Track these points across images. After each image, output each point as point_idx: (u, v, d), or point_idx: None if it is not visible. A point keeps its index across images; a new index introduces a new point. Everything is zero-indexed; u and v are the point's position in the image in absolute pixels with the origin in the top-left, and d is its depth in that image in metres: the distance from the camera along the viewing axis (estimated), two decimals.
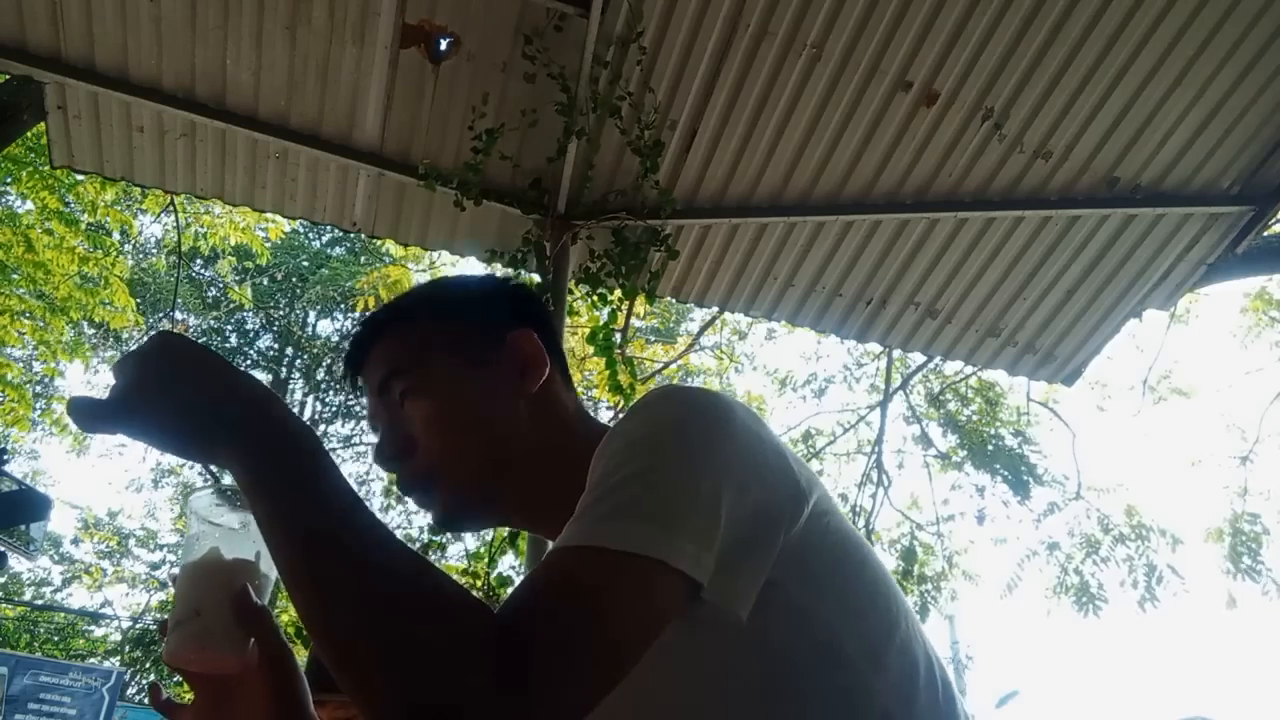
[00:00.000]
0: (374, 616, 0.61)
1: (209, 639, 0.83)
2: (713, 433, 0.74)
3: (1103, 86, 2.95)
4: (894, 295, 3.60)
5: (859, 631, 0.77)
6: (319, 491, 0.67)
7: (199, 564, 0.86)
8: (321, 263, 16.99)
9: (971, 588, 11.14)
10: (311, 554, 0.64)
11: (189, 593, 0.84)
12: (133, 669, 16.32)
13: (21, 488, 3.64)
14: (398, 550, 0.65)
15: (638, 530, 0.66)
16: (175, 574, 0.88)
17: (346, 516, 0.66)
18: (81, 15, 2.91)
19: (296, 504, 0.66)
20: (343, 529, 0.65)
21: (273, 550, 0.67)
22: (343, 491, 0.67)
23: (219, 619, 0.82)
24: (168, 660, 0.84)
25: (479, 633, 0.61)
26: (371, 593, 0.62)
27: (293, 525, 0.66)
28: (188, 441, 0.71)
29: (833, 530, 0.80)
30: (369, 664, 0.61)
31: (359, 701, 0.62)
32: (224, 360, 0.73)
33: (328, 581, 0.63)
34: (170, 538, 17.57)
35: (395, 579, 0.63)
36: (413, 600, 0.62)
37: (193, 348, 0.72)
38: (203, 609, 0.83)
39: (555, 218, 3.25)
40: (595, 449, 0.77)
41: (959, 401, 9.05)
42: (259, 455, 0.68)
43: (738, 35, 2.93)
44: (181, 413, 0.70)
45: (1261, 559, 8.52)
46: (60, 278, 7.41)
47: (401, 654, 0.59)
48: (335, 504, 0.67)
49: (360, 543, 0.65)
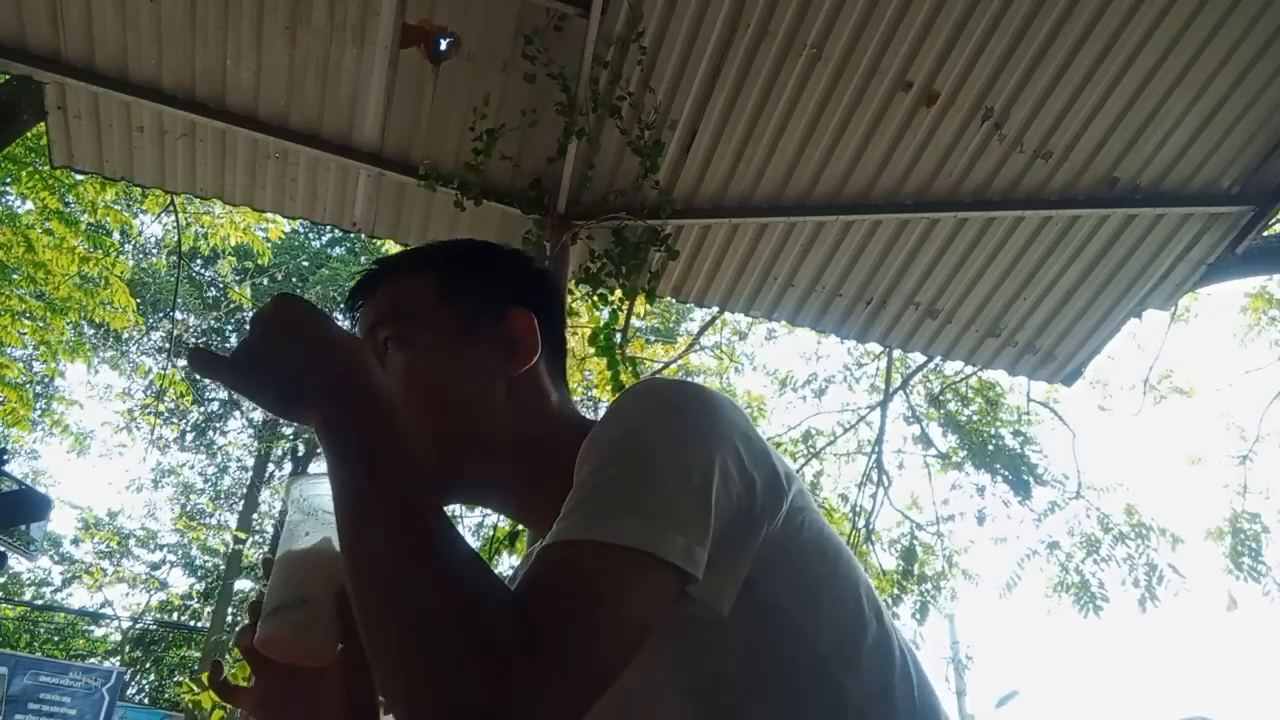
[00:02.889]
0: (402, 604, 0.62)
1: (312, 628, 0.81)
2: (699, 426, 0.74)
3: (1103, 86, 2.95)
4: (894, 295, 3.60)
5: (831, 629, 0.77)
6: (377, 465, 0.68)
7: (309, 552, 0.84)
8: (321, 263, 16.98)
9: (971, 588, 11.16)
10: (358, 525, 0.67)
11: (295, 579, 0.83)
12: (133, 669, 16.34)
13: (21, 488, 3.64)
14: (435, 533, 0.66)
15: (630, 525, 0.66)
16: (270, 559, 0.86)
17: (395, 493, 0.67)
18: (81, 15, 2.91)
19: (355, 474, 0.68)
20: (390, 503, 0.66)
21: (337, 511, 0.69)
22: (399, 467, 0.69)
23: (324, 610, 0.81)
24: (260, 644, 0.82)
25: (494, 634, 0.61)
26: (405, 580, 0.63)
27: (347, 493, 0.68)
28: (284, 398, 0.73)
29: (808, 527, 0.80)
30: (396, 653, 0.62)
31: (384, 680, 0.63)
32: (332, 324, 0.75)
33: (368, 555, 0.65)
34: (170, 538, 17.59)
35: (428, 566, 0.64)
36: (443, 593, 0.63)
37: (305, 311, 0.74)
38: (310, 598, 0.81)
39: (555, 218, 3.25)
40: (578, 445, 0.76)
41: (959, 401, 9.04)
42: (343, 422, 0.70)
43: (738, 35, 2.93)
44: (282, 370, 0.72)
45: (1262, 559, 8.52)
46: (60, 278, 7.41)
47: (425, 650, 0.60)
48: (387, 479, 0.68)
49: (403, 522, 0.66)
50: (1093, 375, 8.60)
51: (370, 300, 0.96)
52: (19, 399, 7.63)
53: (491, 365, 0.92)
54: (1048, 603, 9.07)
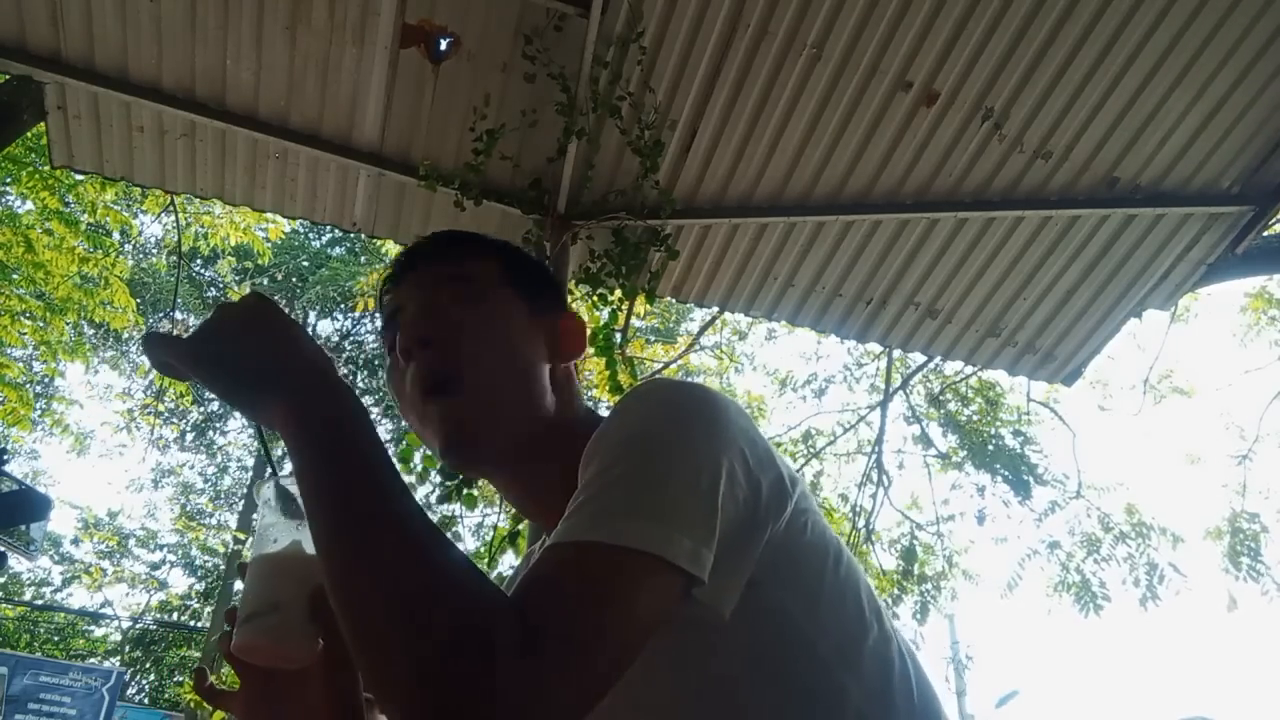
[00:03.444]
0: (391, 600, 0.61)
1: (286, 634, 0.81)
2: (706, 428, 0.75)
3: (1103, 86, 2.95)
4: (894, 295, 3.60)
5: (832, 631, 0.77)
6: (357, 459, 0.68)
7: (279, 557, 0.84)
8: (321, 263, 16.98)
9: (971, 588, 11.15)
10: (339, 521, 0.66)
11: (267, 585, 0.83)
12: (133, 669, 16.33)
13: (21, 488, 3.64)
14: (422, 530, 0.65)
15: (637, 527, 0.66)
16: (244, 563, 0.86)
17: (378, 488, 0.67)
18: (81, 15, 2.91)
19: (335, 469, 0.68)
20: (368, 498, 0.66)
21: (308, 508, 0.68)
22: (380, 463, 0.68)
23: (297, 615, 0.81)
24: (237, 651, 0.82)
25: (491, 633, 0.60)
26: (394, 575, 0.62)
27: (324, 488, 0.68)
28: (245, 390, 0.73)
29: (811, 529, 0.80)
30: (382, 651, 0.61)
31: (372, 679, 0.62)
32: (299, 326, 0.77)
33: (352, 552, 0.64)
34: (170, 538, 17.58)
35: (418, 563, 0.63)
36: (434, 590, 0.62)
37: (276, 311, 0.76)
38: (281, 604, 0.81)
39: (555, 218, 3.25)
40: (589, 439, 0.77)
41: (959, 401, 9.04)
42: (309, 416, 0.70)
43: (738, 35, 2.93)
44: (246, 361, 0.73)
45: (1261, 559, 8.53)
46: (60, 278, 7.41)
47: (413, 647, 0.59)
48: (369, 474, 0.68)
49: (386, 517, 0.65)
50: (1093, 375, 8.61)
51: (439, 259, 0.98)
52: (19, 399, 7.63)
53: (543, 351, 0.95)
54: (1048, 602, 9.09)
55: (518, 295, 0.96)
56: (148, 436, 14.71)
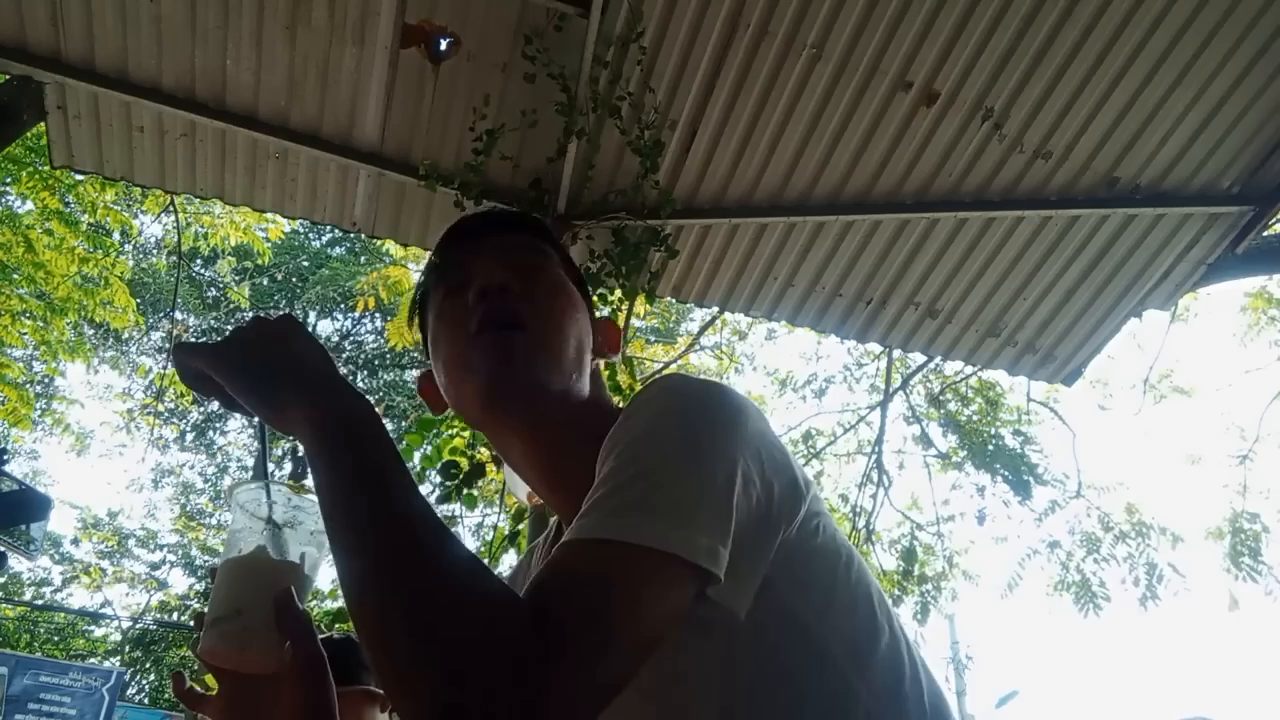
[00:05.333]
0: (408, 601, 0.61)
1: (248, 639, 0.82)
2: (723, 428, 0.75)
3: (1103, 86, 2.95)
4: (894, 295, 3.60)
5: (844, 634, 0.77)
6: (375, 465, 0.70)
7: (244, 562, 0.85)
8: (321, 263, 16.99)
9: (971, 588, 11.15)
10: (353, 519, 0.67)
11: (231, 590, 0.84)
12: (133, 669, 16.32)
13: (21, 488, 3.65)
14: (438, 530, 0.66)
15: (653, 525, 0.66)
16: (215, 566, 0.87)
17: (393, 492, 0.68)
18: (81, 15, 2.91)
19: (352, 473, 0.69)
20: (387, 500, 0.67)
21: (324, 512, 0.70)
22: (395, 468, 0.70)
23: (260, 621, 0.82)
24: (202, 656, 0.83)
25: (508, 632, 0.60)
26: (410, 576, 0.63)
27: (341, 493, 0.69)
28: (268, 394, 0.76)
29: (822, 532, 0.80)
30: (400, 647, 0.61)
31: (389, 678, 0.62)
32: (323, 348, 0.81)
33: (371, 551, 0.65)
34: (170, 538, 17.58)
35: (435, 561, 0.64)
36: (453, 587, 0.62)
37: (304, 332, 0.81)
38: (244, 609, 0.82)
39: (555, 218, 3.25)
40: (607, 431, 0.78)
41: (959, 401, 9.04)
42: (328, 419, 0.73)
43: (738, 35, 2.93)
44: (270, 368, 0.76)
45: (1261, 558, 8.53)
46: (60, 278, 7.42)
47: (432, 646, 0.59)
48: (386, 479, 0.69)
49: (403, 516, 0.66)
50: (1093, 375, 8.61)
51: (522, 228, 1.01)
52: (19, 398, 7.64)
53: (590, 338, 0.97)
54: (1048, 602, 9.09)
55: (577, 288, 1.00)
56: (148, 436, 14.72)
